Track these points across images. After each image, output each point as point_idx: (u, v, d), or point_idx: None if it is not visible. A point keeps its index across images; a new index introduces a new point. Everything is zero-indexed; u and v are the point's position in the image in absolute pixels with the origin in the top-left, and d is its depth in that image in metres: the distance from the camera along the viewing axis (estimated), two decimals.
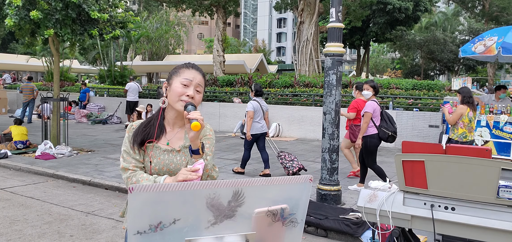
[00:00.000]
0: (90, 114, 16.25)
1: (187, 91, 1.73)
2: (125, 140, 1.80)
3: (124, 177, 1.74)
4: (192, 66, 1.82)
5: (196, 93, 1.75)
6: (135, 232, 1.23)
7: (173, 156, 1.77)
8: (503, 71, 38.63)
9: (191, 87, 1.75)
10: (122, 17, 9.11)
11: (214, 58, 19.98)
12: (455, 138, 6.00)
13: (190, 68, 1.80)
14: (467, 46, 8.14)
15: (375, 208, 2.65)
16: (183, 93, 1.73)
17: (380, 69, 53.63)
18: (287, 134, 12.50)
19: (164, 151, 1.77)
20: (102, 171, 7.28)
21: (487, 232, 2.36)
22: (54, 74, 9.34)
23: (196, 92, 1.76)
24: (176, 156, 1.78)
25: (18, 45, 31.05)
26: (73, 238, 4.38)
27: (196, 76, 1.77)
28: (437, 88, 12.63)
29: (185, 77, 1.75)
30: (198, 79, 1.77)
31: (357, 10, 19.93)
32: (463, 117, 5.93)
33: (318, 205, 5.07)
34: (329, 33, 5.21)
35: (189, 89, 1.74)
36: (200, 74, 1.80)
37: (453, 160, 2.41)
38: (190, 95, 1.73)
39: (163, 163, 1.76)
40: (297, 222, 1.43)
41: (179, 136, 1.82)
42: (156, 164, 1.76)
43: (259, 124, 6.84)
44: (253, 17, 79.31)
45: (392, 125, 5.90)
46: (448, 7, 40.80)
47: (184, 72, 1.77)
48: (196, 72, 1.79)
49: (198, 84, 1.77)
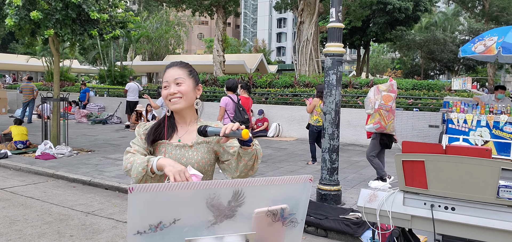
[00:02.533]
0: (90, 114, 16.25)
1: (169, 91, 1.80)
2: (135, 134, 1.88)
3: (124, 159, 1.77)
4: (169, 65, 1.87)
5: (178, 86, 1.80)
6: (135, 232, 1.23)
7: (185, 151, 1.80)
8: (503, 71, 38.60)
9: (171, 86, 1.80)
10: (122, 17, 9.11)
11: (214, 58, 19.98)
12: (312, 123, 7.95)
13: (167, 69, 1.85)
14: (467, 46, 8.13)
15: (375, 208, 2.65)
16: (166, 95, 1.81)
17: (380, 69, 53.60)
18: (287, 134, 12.49)
19: (175, 146, 1.81)
20: (102, 171, 7.28)
21: (487, 232, 2.36)
22: (54, 74, 9.34)
23: (177, 85, 1.80)
24: (188, 151, 1.80)
25: (18, 45, 31.06)
26: (73, 238, 4.38)
27: (171, 73, 1.82)
28: (437, 88, 12.63)
29: (164, 80, 1.83)
30: (174, 74, 1.81)
31: (357, 10, 19.92)
32: (316, 107, 7.82)
33: (318, 205, 5.07)
34: (329, 33, 5.21)
35: (170, 89, 1.80)
36: (176, 67, 1.84)
37: (453, 160, 2.41)
38: (171, 93, 1.79)
39: (175, 157, 1.78)
40: (297, 222, 1.43)
41: (191, 134, 1.84)
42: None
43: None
44: (253, 17, 79.29)
45: (242, 116, 7.06)
46: (448, 7, 40.77)
47: (163, 77, 1.85)
48: (172, 68, 1.84)
49: (176, 78, 1.80)
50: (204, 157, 1.80)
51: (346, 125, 11.03)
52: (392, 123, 6.37)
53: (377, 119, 6.30)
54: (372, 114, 6.34)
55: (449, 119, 8.19)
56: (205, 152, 1.80)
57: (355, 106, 11.87)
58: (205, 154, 1.80)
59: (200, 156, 1.79)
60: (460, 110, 8.13)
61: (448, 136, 8.07)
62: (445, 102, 8.73)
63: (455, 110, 8.19)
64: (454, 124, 8.12)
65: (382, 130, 6.29)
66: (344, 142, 10.79)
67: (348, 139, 11.29)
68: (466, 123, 7.98)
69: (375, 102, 6.26)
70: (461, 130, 8.03)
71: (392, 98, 6.30)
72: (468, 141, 7.89)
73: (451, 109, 8.27)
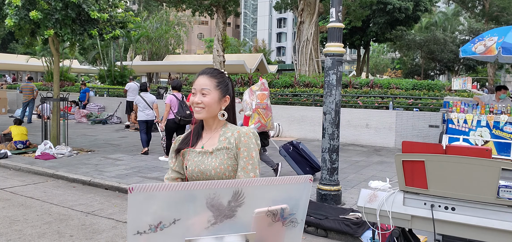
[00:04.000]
0: (90, 114, 16.25)
1: (194, 100, 1.85)
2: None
3: None
4: (202, 72, 1.90)
5: (203, 97, 1.83)
6: (135, 232, 1.23)
7: (206, 157, 1.83)
8: (503, 71, 38.61)
9: (197, 94, 1.84)
10: (122, 17, 9.10)
11: (214, 58, 19.96)
12: None
13: (199, 75, 1.89)
14: (467, 46, 8.13)
15: (375, 208, 2.65)
16: (192, 102, 1.86)
17: (380, 69, 53.60)
18: (287, 134, 12.50)
19: (198, 153, 1.85)
20: (102, 171, 7.28)
21: (487, 232, 2.36)
22: (54, 74, 9.34)
23: (202, 95, 1.83)
24: (208, 158, 1.82)
25: (18, 45, 31.05)
26: (73, 238, 4.38)
27: (200, 82, 1.85)
28: (437, 88, 12.63)
29: (193, 87, 1.88)
30: (202, 83, 1.84)
31: (357, 10, 19.90)
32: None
33: (318, 205, 5.07)
34: (329, 33, 5.21)
35: (195, 97, 1.85)
36: (206, 76, 1.87)
37: (453, 160, 2.41)
38: (195, 102, 1.84)
39: (195, 164, 1.83)
40: (297, 222, 1.43)
41: (214, 140, 1.86)
42: (190, 166, 1.85)
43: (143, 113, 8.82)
44: (253, 17, 79.30)
45: (184, 111, 7.98)
46: (448, 7, 40.76)
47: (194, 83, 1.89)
48: (200, 77, 1.87)
49: (203, 88, 1.83)
50: (223, 163, 1.79)
51: (346, 125, 11.03)
52: (271, 120, 6.76)
53: (256, 119, 6.62)
54: (252, 116, 6.66)
55: (449, 119, 8.19)
56: (225, 158, 1.80)
57: (355, 106, 11.88)
58: (225, 160, 1.79)
59: (218, 162, 1.79)
60: (460, 110, 8.14)
61: (448, 136, 8.07)
62: (445, 102, 8.72)
63: (455, 110, 8.19)
64: (454, 124, 8.13)
65: (263, 128, 6.63)
66: (344, 142, 10.80)
67: (348, 139, 11.30)
68: (466, 123, 7.99)
69: (251, 103, 6.62)
70: (461, 130, 8.03)
71: (266, 96, 6.76)
72: (468, 141, 7.90)
73: (451, 109, 8.27)
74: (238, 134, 1.81)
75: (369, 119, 11.24)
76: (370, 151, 10.05)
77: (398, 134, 10.79)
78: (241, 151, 1.79)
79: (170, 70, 29.75)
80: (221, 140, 1.83)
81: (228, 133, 1.84)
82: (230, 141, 1.80)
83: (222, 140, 1.82)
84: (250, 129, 1.87)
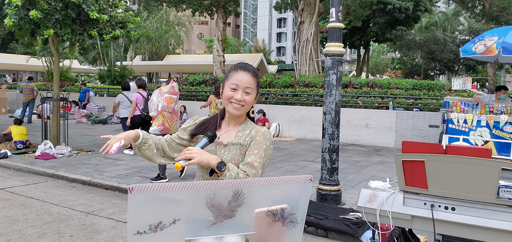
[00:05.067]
0: (90, 114, 16.24)
1: (235, 96, 1.79)
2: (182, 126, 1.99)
3: None
4: (241, 67, 1.84)
5: (245, 95, 1.79)
6: (135, 232, 1.23)
7: (219, 148, 1.83)
8: (503, 71, 38.59)
9: (239, 91, 1.79)
10: (122, 17, 9.11)
11: (214, 58, 19.97)
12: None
13: (238, 70, 1.83)
14: (467, 46, 8.13)
15: (375, 208, 2.65)
16: (231, 97, 1.80)
17: (380, 69, 53.59)
18: (287, 134, 12.50)
19: (214, 142, 1.85)
20: (102, 171, 7.28)
21: (487, 232, 2.36)
22: (54, 74, 9.34)
23: (245, 94, 1.79)
24: (221, 149, 1.83)
25: (18, 45, 31.01)
26: (73, 238, 4.38)
27: (244, 78, 1.80)
28: (437, 88, 12.63)
29: (233, 81, 1.80)
30: (247, 81, 1.80)
31: (357, 10, 19.90)
32: (212, 102, 8.43)
33: (318, 205, 5.07)
34: (329, 33, 5.21)
35: (237, 93, 1.79)
36: (249, 74, 1.82)
37: (453, 160, 2.41)
38: (238, 99, 1.78)
39: (210, 152, 1.81)
40: (297, 222, 1.43)
41: (231, 134, 1.86)
42: None
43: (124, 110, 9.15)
44: (253, 17, 79.28)
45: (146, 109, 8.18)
46: (448, 7, 40.76)
47: (232, 76, 1.82)
48: (244, 73, 1.81)
49: (247, 86, 1.79)
50: (234, 158, 1.80)
51: (346, 124, 11.03)
52: (176, 124, 6.74)
53: (160, 121, 6.60)
54: (156, 117, 6.64)
55: (449, 119, 8.19)
56: (237, 154, 1.81)
57: (355, 106, 11.88)
58: (237, 156, 1.81)
59: (230, 157, 1.80)
60: (460, 110, 8.13)
61: (448, 136, 8.07)
62: (445, 102, 8.72)
63: (455, 110, 8.19)
64: (454, 124, 8.13)
65: (166, 131, 6.60)
66: (344, 142, 10.80)
67: (348, 139, 11.30)
68: (466, 123, 7.99)
69: (158, 104, 6.59)
70: (461, 130, 8.03)
71: (174, 100, 6.71)
72: (468, 141, 7.90)
73: (451, 109, 8.27)
74: (256, 132, 1.81)
75: (369, 119, 11.24)
76: (370, 151, 10.06)
77: (398, 134, 10.79)
78: (252, 148, 1.78)
79: (170, 70, 29.74)
80: (238, 135, 1.84)
81: (246, 130, 1.84)
82: (246, 139, 1.81)
83: (239, 135, 1.83)
84: (268, 131, 1.87)
